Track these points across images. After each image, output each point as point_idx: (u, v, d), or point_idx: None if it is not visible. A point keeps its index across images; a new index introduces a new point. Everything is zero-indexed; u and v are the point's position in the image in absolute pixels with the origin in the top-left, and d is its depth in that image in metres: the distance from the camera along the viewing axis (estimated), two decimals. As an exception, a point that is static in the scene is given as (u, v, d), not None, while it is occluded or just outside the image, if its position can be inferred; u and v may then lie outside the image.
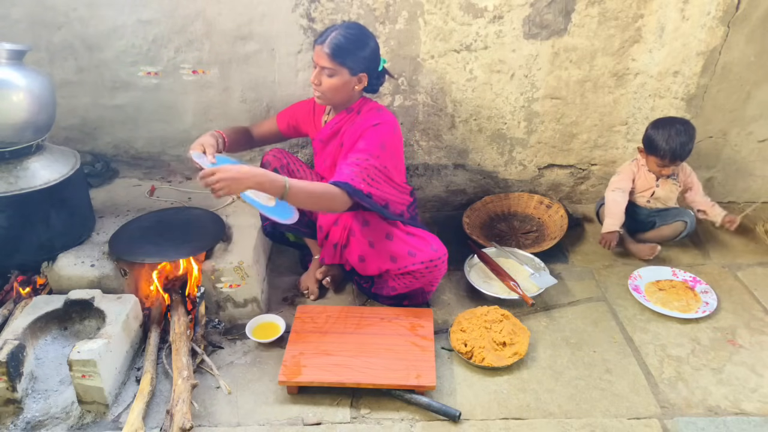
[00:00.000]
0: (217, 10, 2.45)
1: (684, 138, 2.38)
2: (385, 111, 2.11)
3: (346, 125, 2.10)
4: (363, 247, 2.17)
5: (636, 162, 2.57)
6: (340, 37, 1.95)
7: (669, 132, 2.39)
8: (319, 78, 2.00)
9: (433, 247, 2.08)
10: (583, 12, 2.46)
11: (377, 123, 2.04)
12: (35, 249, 2.07)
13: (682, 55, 2.56)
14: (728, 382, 1.96)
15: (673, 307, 2.27)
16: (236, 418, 1.82)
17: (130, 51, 2.53)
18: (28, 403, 1.80)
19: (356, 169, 1.96)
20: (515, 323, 2.11)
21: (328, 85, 2.00)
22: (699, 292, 2.35)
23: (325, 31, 2.00)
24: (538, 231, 2.79)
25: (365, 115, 2.08)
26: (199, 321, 2.11)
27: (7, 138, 1.96)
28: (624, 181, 2.56)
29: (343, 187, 1.91)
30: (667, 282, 2.42)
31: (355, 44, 1.97)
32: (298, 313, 2.15)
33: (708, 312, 2.23)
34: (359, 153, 2.00)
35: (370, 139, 2.02)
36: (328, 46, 1.94)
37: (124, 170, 2.78)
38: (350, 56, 1.96)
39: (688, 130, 2.40)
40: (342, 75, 1.98)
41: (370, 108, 2.10)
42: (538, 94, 2.66)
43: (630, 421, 1.81)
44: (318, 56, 1.98)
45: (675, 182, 2.56)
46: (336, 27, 1.99)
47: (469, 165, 2.86)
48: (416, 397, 1.85)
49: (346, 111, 2.11)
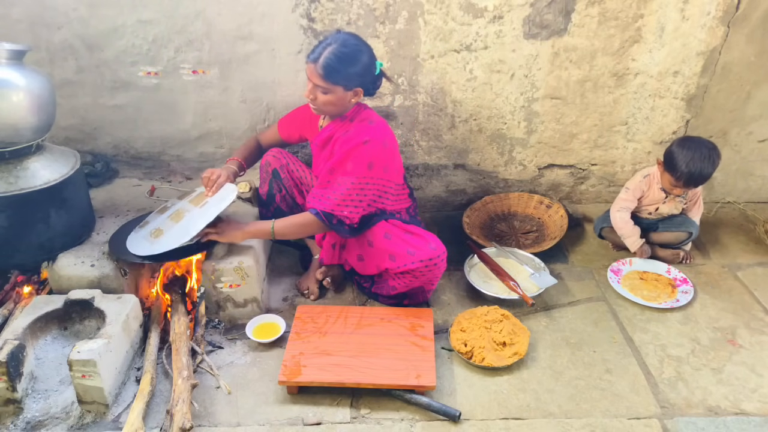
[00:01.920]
0: (217, 10, 2.45)
1: (706, 165, 2.28)
2: (377, 123, 2.09)
3: (338, 132, 2.11)
4: (362, 247, 2.17)
5: (648, 179, 2.52)
6: (331, 57, 1.92)
7: (693, 155, 2.29)
8: (314, 94, 2.00)
9: (432, 246, 2.09)
10: (583, 12, 2.46)
11: (367, 140, 2.04)
12: (35, 249, 2.07)
13: (682, 55, 2.56)
14: (728, 382, 1.96)
15: (641, 295, 2.32)
16: (236, 418, 1.82)
17: (130, 51, 2.53)
18: (28, 403, 1.80)
19: (336, 194, 2.06)
20: (515, 323, 2.11)
21: (323, 100, 2.00)
22: (679, 291, 2.36)
23: (318, 46, 1.97)
24: (538, 231, 2.79)
25: (357, 127, 2.07)
26: (199, 321, 2.11)
27: (7, 138, 1.95)
28: (630, 201, 2.53)
29: (315, 215, 2.07)
30: (654, 275, 2.45)
31: (347, 63, 1.95)
32: (298, 313, 2.15)
33: (670, 306, 2.27)
34: (346, 176, 2.05)
35: (357, 160, 2.04)
36: (321, 67, 1.93)
37: (124, 170, 2.78)
38: (343, 75, 1.95)
39: (712, 157, 2.29)
40: (336, 92, 1.98)
41: (363, 119, 2.09)
42: (538, 94, 2.66)
43: (630, 421, 1.81)
44: (311, 74, 1.97)
45: (683, 200, 2.53)
46: (328, 42, 1.96)
47: (469, 165, 2.86)
48: (416, 397, 1.85)
49: (340, 118, 2.12)
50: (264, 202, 2.30)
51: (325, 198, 2.07)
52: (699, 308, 2.30)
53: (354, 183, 2.04)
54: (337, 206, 2.05)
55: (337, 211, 2.05)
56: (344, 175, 2.05)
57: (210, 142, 2.79)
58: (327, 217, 2.06)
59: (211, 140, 2.78)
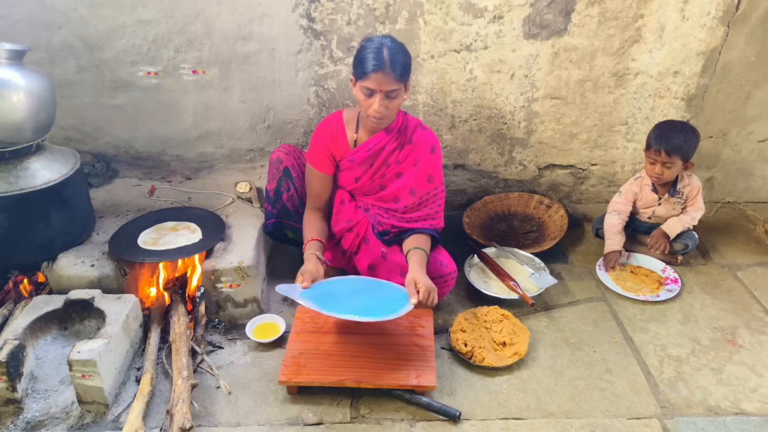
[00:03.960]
0: (217, 10, 2.46)
1: (676, 132, 2.34)
2: (428, 127, 2.15)
3: (389, 145, 2.07)
4: (375, 257, 2.17)
5: (638, 181, 2.53)
6: (398, 55, 1.89)
7: (664, 126, 2.40)
8: (384, 104, 1.92)
9: (444, 264, 2.10)
10: (583, 12, 2.46)
11: (433, 147, 2.11)
12: (35, 249, 2.07)
13: (682, 55, 2.56)
14: (728, 382, 1.96)
15: (624, 287, 2.37)
16: (236, 418, 1.82)
17: (130, 51, 2.53)
18: (28, 403, 1.80)
19: (438, 209, 2.14)
20: (515, 323, 2.11)
21: (395, 106, 1.96)
22: (664, 288, 2.38)
23: (365, 54, 1.88)
24: (538, 231, 2.79)
25: (418, 136, 2.09)
26: (199, 321, 2.11)
27: (7, 138, 1.96)
28: (623, 204, 2.54)
29: (435, 233, 2.14)
30: (646, 270, 2.48)
31: (409, 55, 1.94)
32: (298, 313, 2.15)
33: (647, 299, 2.30)
34: (435, 185, 2.12)
35: (434, 168, 2.12)
36: (394, 68, 1.86)
37: (124, 170, 2.78)
38: (409, 69, 1.94)
39: (685, 129, 2.36)
40: (401, 92, 1.94)
41: (415, 126, 2.11)
42: (538, 94, 2.66)
43: (630, 421, 1.81)
44: (380, 83, 1.87)
45: (678, 199, 2.50)
46: (379, 43, 1.89)
47: (469, 165, 2.86)
48: (416, 397, 1.85)
49: (386, 132, 2.06)
50: (270, 198, 2.25)
51: (438, 216, 2.15)
52: (699, 308, 2.30)
53: (441, 191, 2.15)
54: (441, 217, 2.16)
55: (441, 223, 2.17)
56: (433, 186, 2.11)
57: (210, 142, 2.79)
58: (438, 234, 2.16)
59: (211, 140, 2.78)
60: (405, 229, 2.12)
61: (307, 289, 1.89)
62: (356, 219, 2.20)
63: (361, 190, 2.18)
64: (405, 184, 2.10)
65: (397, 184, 2.11)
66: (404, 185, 2.11)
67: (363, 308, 1.84)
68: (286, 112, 2.70)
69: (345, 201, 2.21)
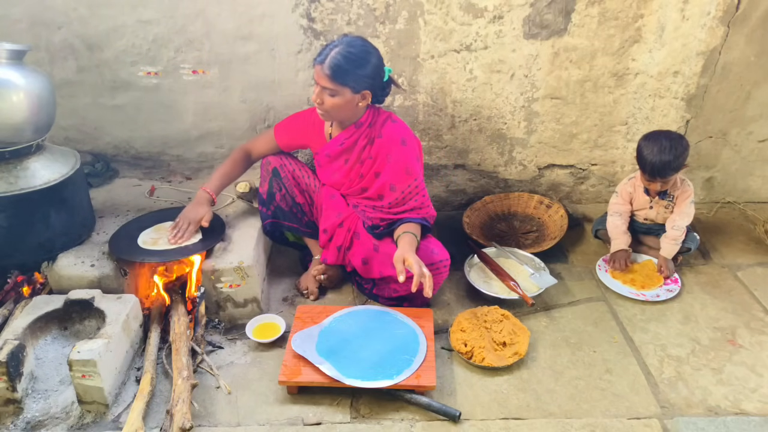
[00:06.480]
0: (217, 10, 2.46)
1: (668, 156, 2.24)
2: (399, 119, 2.15)
3: (360, 140, 2.11)
4: (367, 251, 2.19)
5: (632, 181, 2.52)
6: (339, 57, 1.91)
7: (653, 148, 2.27)
8: (321, 97, 1.98)
9: (435, 251, 2.09)
10: (583, 12, 2.46)
11: (403, 139, 2.10)
12: (35, 249, 2.07)
13: (682, 55, 2.56)
14: (728, 382, 1.96)
15: (625, 282, 2.38)
16: (236, 418, 1.82)
17: (130, 51, 2.53)
18: (28, 403, 1.80)
19: (423, 200, 2.14)
20: (515, 323, 2.11)
21: (331, 104, 1.98)
22: (664, 288, 2.37)
23: (325, 48, 1.96)
24: (538, 231, 2.79)
25: (387, 130, 2.10)
26: (199, 321, 2.11)
27: (7, 138, 1.95)
28: (620, 204, 2.54)
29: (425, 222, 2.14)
30: (652, 268, 2.47)
31: (356, 63, 1.94)
32: (298, 313, 2.15)
33: (647, 299, 2.30)
34: (414, 177, 2.11)
35: (409, 160, 2.10)
36: (328, 67, 1.91)
37: (124, 170, 2.78)
38: (351, 76, 1.94)
39: (675, 147, 2.25)
40: (344, 94, 1.96)
41: (384, 120, 2.11)
42: (538, 94, 2.66)
43: (630, 421, 1.81)
44: (318, 76, 1.95)
45: (670, 202, 2.47)
46: (336, 44, 1.95)
47: (469, 165, 2.86)
48: (416, 397, 1.85)
49: (355, 126, 2.10)
50: (264, 201, 2.30)
51: (425, 206, 2.14)
52: (699, 308, 2.30)
53: (420, 181, 2.14)
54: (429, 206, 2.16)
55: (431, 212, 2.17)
56: (413, 178, 2.11)
57: (210, 142, 2.79)
58: (428, 224, 2.17)
59: (211, 140, 2.78)
60: (394, 220, 2.14)
61: (321, 341, 1.96)
62: (347, 212, 2.25)
63: (346, 191, 2.24)
64: (385, 181, 2.13)
65: (378, 183, 2.15)
66: (384, 182, 2.13)
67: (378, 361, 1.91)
68: (286, 112, 2.69)
69: (335, 195, 2.27)
